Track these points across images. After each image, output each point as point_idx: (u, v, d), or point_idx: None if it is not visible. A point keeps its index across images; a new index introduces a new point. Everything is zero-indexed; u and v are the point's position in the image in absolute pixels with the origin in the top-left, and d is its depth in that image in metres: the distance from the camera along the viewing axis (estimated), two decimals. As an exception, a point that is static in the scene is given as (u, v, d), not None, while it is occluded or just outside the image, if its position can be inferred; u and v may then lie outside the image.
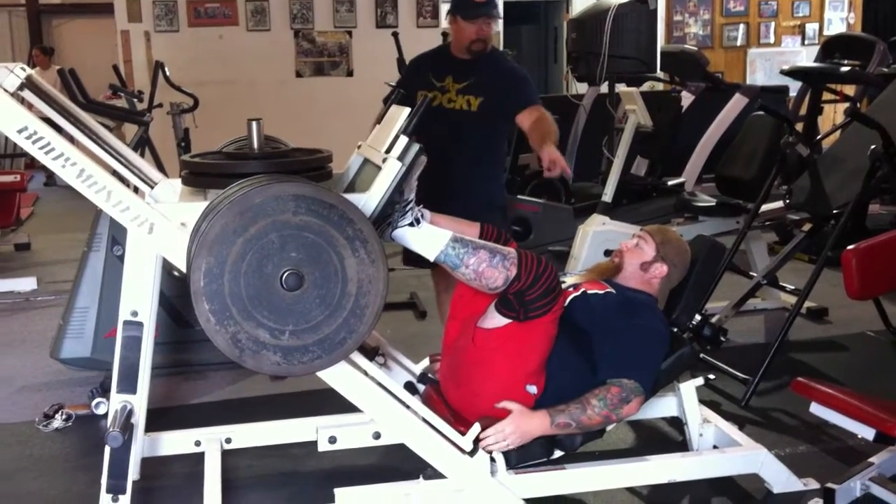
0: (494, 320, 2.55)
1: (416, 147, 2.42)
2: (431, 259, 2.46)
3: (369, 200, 2.40)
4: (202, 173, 2.67)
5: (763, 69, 12.13)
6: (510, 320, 2.51)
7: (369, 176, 2.55)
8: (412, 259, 3.37)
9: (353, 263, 2.21)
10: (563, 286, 2.86)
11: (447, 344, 2.81)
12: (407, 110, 2.49)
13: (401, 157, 2.41)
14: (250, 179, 2.36)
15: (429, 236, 2.46)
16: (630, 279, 2.91)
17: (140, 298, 2.52)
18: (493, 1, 3.68)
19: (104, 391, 3.60)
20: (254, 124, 2.65)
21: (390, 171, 2.41)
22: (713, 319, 3.83)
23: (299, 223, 2.16)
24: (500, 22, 3.77)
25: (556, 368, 2.62)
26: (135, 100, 7.49)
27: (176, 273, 3.65)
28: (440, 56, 3.89)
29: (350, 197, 2.33)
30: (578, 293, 2.82)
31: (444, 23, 9.92)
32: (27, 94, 2.64)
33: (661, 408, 3.26)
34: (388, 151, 2.45)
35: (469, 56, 3.72)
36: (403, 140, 2.43)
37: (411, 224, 2.45)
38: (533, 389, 2.60)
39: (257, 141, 2.66)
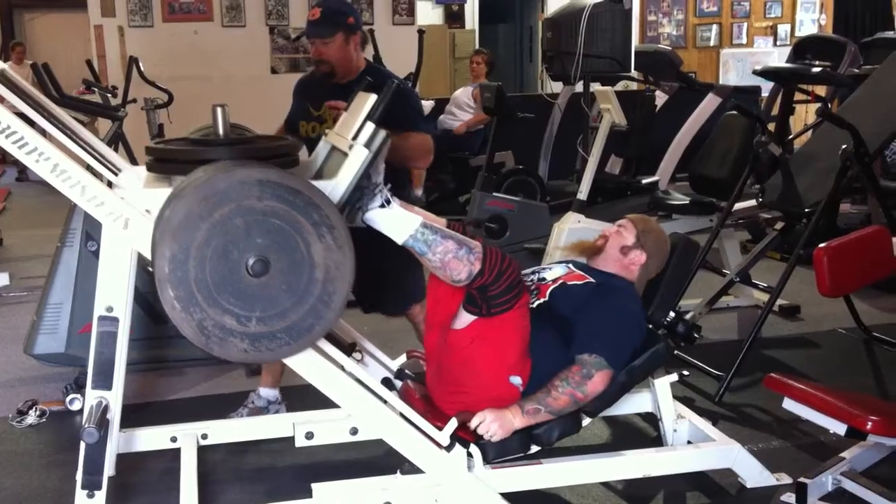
0: (463, 319, 2.58)
1: (382, 133, 2.41)
2: (400, 242, 2.45)
3: (337, 187, 2.38)
4: (166, 160, 2.62)
5: (736, 69, 12.22)
6: (476, 317, 2.54)
7: (337, 163, 2.53)
8: None
9: (319, 249, 2.19)
10: (545, 279, 2.89)
11: (429, 352, 2.82)
12: (373, 97, 2.47)
13: (367, 144, 2.39)
14: (214, 165, 2.32)
15: (399, 219, 2.46)
16: (609, 262, 2.94)
17: (115, 294, 2.51)
18: (330, 19, 3.27)
19: (78, 387, 3.58)
20: (219, 110, 2.59)
21: (357, 157, 2.39)
22: (687, 316, 3.84)
23: (265, 208, 2.14)
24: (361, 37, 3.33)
25: (540, 359, 2.65)
26: (109, 95, 7.44)
27: (150, 268, 3.63)
28: (318, 82, 3.45)
29: (317, 184, 2.31)
30: (557, 285, 2.84)
31: (420, 21, 9.95)
32: (0, 89, 2.62)
33: (635, 403, 3.28)
34: (354, 138, 2.43)
35: (322, 78, 3.37)
36: (370, 127, 2.42)
37: (382, 206, 2.45)
38: (517, 381, 2.62)
39: (223, 127, 2.62)
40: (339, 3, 3.44)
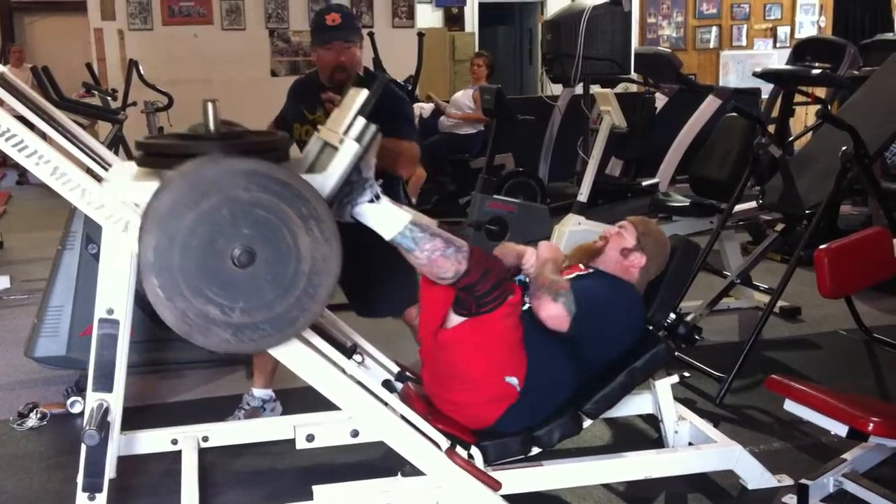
0: (452, 320, 2.59)
1: (372, 128, 2.41)
2: (388, 238, 2.45)
3: (326, 180, 2.38)
4: (156, 154, 2.62)
5: (735, 71, 12.24)
6: (464, 318, 2.54)
7: (327, 157, 2.53)
8: None
9: (306, 242, 2.17)
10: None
11: (425, 355, 2.82)
12: (365, 92, 2.46)
13: (358, 139, 2.39)
14: (203, 157, 2.28)
15: (388, 214, 2.46)
16: (609, 264, 2.94)
17: (116, 296, 2.50)
18: (351, 23, 3.34)
19: (79, 390, 3.58)
20: (209, 105, 2.59)
21: (347, 151, 2.39)
22: (688, 318, 3.85)
23: (252, 199, 2.13)
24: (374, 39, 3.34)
25: (537, 357, 2.64)
26: (109, 98, 7.44)
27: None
28: (313, 86, 3.45)
29: (307, 177, 2.30)
30: None
31: (420, 23, 9.95)
32: (0, 92, 2.62)
33: (636, 405, 3.28)
34: (345, 133, 2.43)
35: (333, 84, 3.32)
36: (361, 121, 2.41)
37: (371, 200, 2.45)
38: (514, 381, 2.62)
39: (213, 122, 2.61)
40: (349, 8, 3.43)
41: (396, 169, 3.37)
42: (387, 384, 3.05)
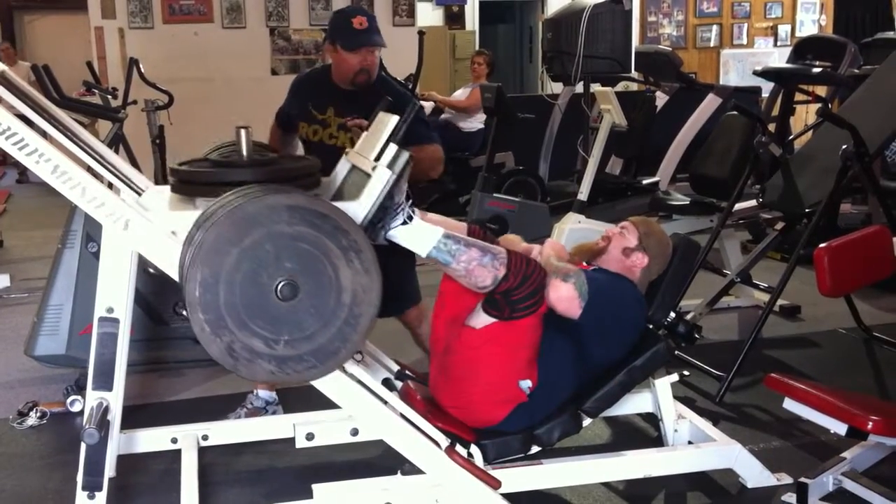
0: (481, 319, 2.58)
1: (405, 155, 2.43)
2: (423, 255, 2.47)
3: (360, 209, 2.40)
4: (192, 181, 2.67)
5: (736, 70, 12.24)
6: (495, 319, 2.54)
7: (357, 183, 2.55)
8: None
9: (347, 273, 2.20)
10: None
11: (435, 348, 2.82)
12: (395, 118, 2.48)
13: (390, 166, 2.41)
14: (243, 189, 2.35)
15: (421, 232, 2.47)
16: (612, 264, 2.94)
17: (116, 295, 2.51)
18: (376, 27, 3.33)
19: (79, 388, 3.58)
20: (242, 132, 2.64)
21: (380, 179, 2.41)
22: (687, 317, 3.86)
23: (294, 233, 2.16)
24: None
25: (544, 358, 2.65)
26: (109, 96, 7.42)
27: (151, 270, 3.64)
28: (322, 84, 3.44)
29: (342, 205, 2.33)
30: None
31: (420, 22, 9.94)
32: (0, 90, 2.62)
33: (636, 404, 3.28)
34: (377, 159, 2.45)
35: (352, 87, 3.35)
36: (393, 148, 2.44)
37: (404, 222, 2.46)
38: (526, 385, 2.62)
39: (246, 148, 2.66)
40: (371, 12, 3.42)
41: (427, 175, 3.38)
42: (386, 383, 3.05)
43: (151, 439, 3.10)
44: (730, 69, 12.30)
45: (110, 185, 2.83)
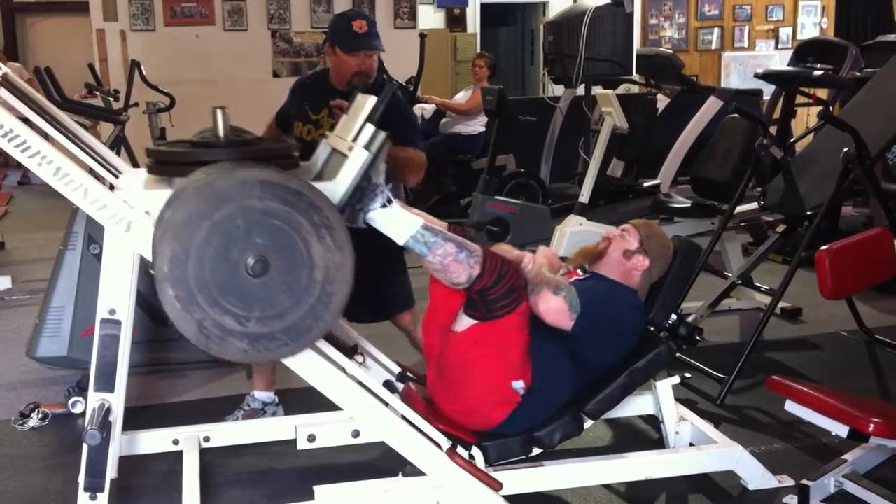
0: (463, 321, 2.60)
1: (382, 135, 2.42)
2: (401, 243, 2.46)
3: (336, 188, 2.39)
4: (167, 161, 2.63)
5: (737, 72, 12.23)
6: (476, 321, 2.54)
7: (336, 164, 2.53)
8: None
9: (319, 250, 2.19)
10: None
11: (430, 355, 2.83)
12: (373, 99, 2.47)
13: (367, 146, 2.40)
14: (215, 165, 2.32)
15: (401, 219, 2.47)
16: (612, 266, 2.94)
17: (118, 296, 2.51)
18: (375, 31, 3.35)
19: (81, 390, 3.58)
20: (219, 112, 2.60)
21: (357, 159, 2.40)
22: (689, 319, 3.86)
23: (265, 209, 2.14)
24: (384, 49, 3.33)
25: (540, 360, 2.65)
26: (111, 99, 7.44)
27: (153, 271, 3.64)
28: (319, 85, 3.46)
29: (318, 185, 2.31)
30: None
31: (422, 24, 9.95)
32: (2, 92, 2.62)
33: (637, 406, 3.28)
34: (354, 140, 2.44)
35: (349, 89, 3.28)
36: (370, 128, 2.42)
37: (383, 205, 2.46)
38: (519, 385, 2.62)
39: (223, 129, 2.62)
40: (371, 16, 3.42)
41: (404, 177, 3.37)
42: (388, 384, 3.06)
43: (153, 441, 3.10)
44: (731, 72, 12.30)
45: (112, 187, 2.83)
